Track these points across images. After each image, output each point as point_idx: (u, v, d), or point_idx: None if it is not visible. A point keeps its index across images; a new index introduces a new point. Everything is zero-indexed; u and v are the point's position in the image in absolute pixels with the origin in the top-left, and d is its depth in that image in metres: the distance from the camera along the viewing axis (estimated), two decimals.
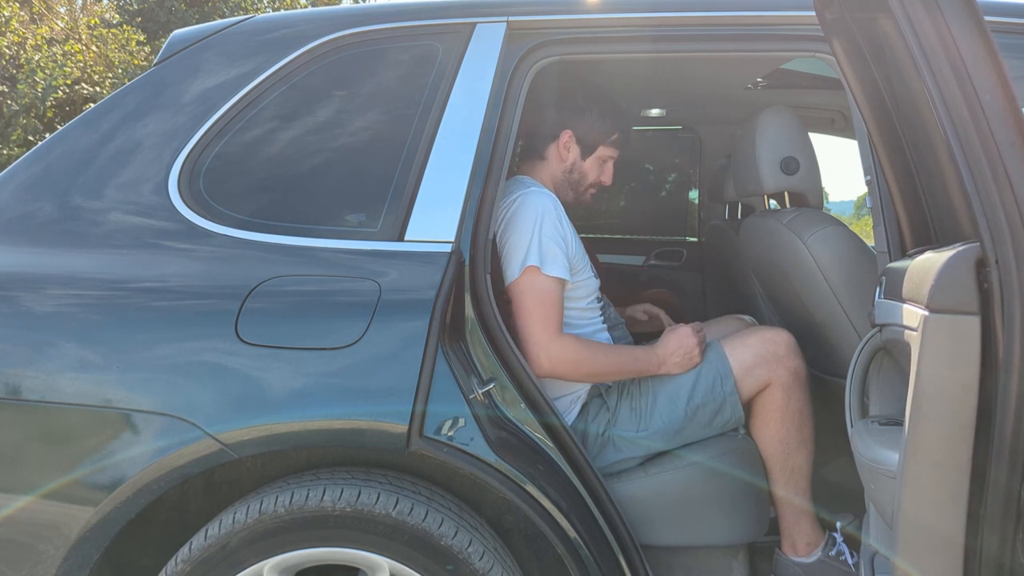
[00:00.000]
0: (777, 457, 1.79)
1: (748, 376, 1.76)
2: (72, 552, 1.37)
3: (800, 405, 1.78)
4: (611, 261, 3.54)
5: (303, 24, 1.69)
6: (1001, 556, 1.11)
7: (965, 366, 1.09)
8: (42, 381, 1.37)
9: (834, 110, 2.92)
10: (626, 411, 1.78)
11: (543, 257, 1.67)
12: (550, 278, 1.68)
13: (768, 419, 1.78)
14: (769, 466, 1.80)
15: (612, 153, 1.96)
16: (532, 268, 1.67)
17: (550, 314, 1.67)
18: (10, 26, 9.10)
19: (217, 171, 1.55)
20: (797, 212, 2.01)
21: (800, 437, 1.78)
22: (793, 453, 1.78)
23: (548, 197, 1.76)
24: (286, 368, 1.37)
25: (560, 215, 1.76)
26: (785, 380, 1.76)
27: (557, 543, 1.41)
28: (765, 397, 1.78)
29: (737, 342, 1.81)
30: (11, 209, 1.55)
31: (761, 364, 1.76)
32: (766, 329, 1.85)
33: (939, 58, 1.11)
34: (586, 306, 1.86)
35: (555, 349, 1.65)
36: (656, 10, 1.68)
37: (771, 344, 1.78)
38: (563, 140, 1.91)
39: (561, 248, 1.71)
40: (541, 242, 1.68)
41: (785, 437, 1.78)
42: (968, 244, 1.13)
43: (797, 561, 1.81)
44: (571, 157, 1.92)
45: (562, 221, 1.75)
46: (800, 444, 1.78)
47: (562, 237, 1.72)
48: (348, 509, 1.34)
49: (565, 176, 1.93)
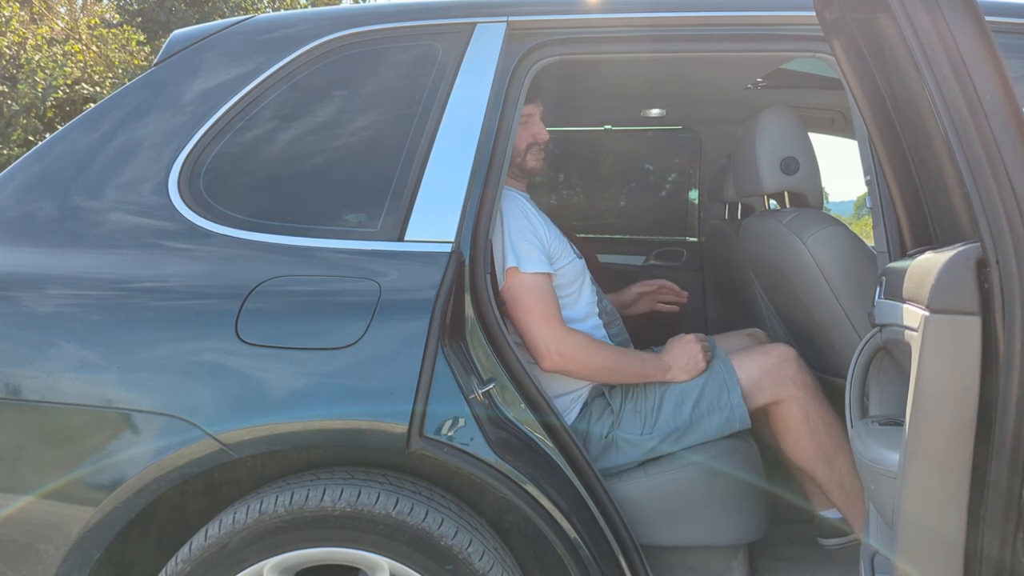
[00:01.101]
0: (822, 471, 1.79)
1: (755, 389, 1.77)
2: (72, 552, 1.37)
3: (821, 413, 1.78)
4: (611, 261, 3.53)
5: (303, 24, 1.69)
6: (1001, 556, 1.11)
7: (965, 366, 1.09)
8: (42, 381, 1.37)
9: (834, 110, 2.92)
10: (630, 413, 1.78)
11: (518, 256, 1.69)
12: (531, 275, 1.69)
13: (795, 436, 1.79)
14: (819, 481, 1.80)
15: (528, 111, 1.85)
16: (512, 270, 1.68)
17: (547, 308, 1.68)
18: (10, 26, 9.09)
19: (217, 171, 1.55)
20: (797, 212, 2.01)
21: (834, 443, 1.78)
22: (834, 460, 1.78)
23: (509, 198, 1.75)
24: (286, 368, 1.37)
25: (524, 209, 1.76)
26: (796, 395, 1.76)
27: (557, 543, 1.41)
28: (784, 417, 1.78)
29: (744, 356, 1.83)
30: (11, 209, 1.55)
31: (768, 380, 1.77)
32: (770, 347, 1.86)
33: (939, 58, 1.10)
34: (577, 291, 1.86)
35: (564, 344, 1.66)
36: (656, 10, 1.68)
37: (778, 360, 1.79)
38: None
39: (532, 243, 1.71)
40: (513, 242, 1.69)
41: (818, 448, 1.78)
42: (968, 244, 1.13)
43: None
44: None
45: (526, 214, 1.76)
46: (836, 449, 1.78)
47: (531, 231, 1.73)
48: (348, 509, 1.34)
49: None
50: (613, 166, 3.94)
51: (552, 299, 1.71)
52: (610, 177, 3.96)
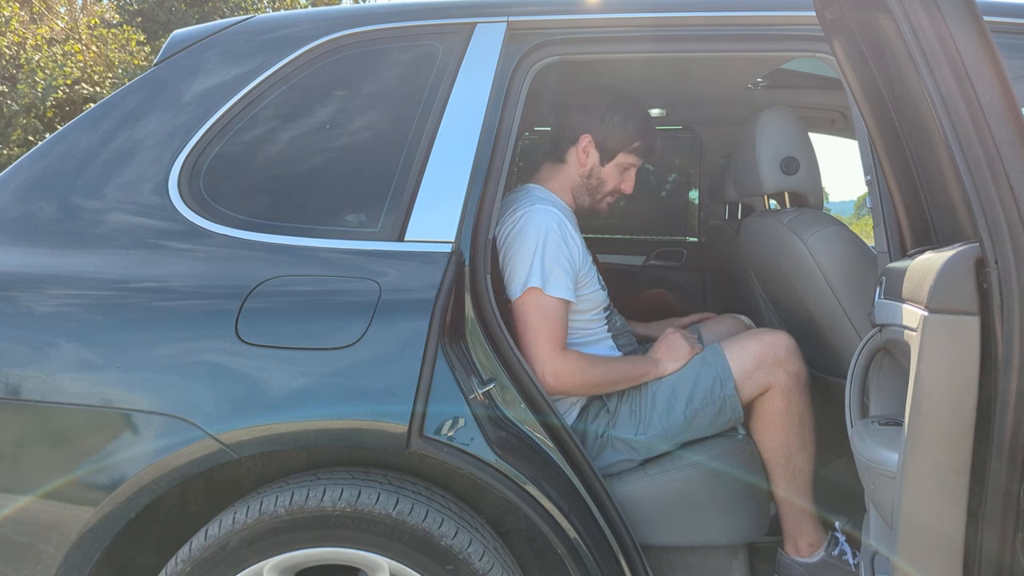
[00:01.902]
0: (778, 460, 1.79)
1: (748, 380, 1.76)
2: (72, 552, 1.37)
3: (801, 409, 1.78)
4: (611, 261, 3.54)
5: (303, 24, 1.69)
6: (1001, 556, 1.11)
7: (965, 366, 1.09)
8: (42, 381, 1.37)
9: (834, 110, 2.92)
10: (626, 414, 1.78)
11: (545, 278, 1.68)
12: (553, 299, 1.68)
13: (769, 423, 1.78)
14: (770, 468, 1.80)
15: (634, 161, 1.93)
16: (534, 289, 1.67)
17: (553, 333, 1.68)
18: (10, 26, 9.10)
19: (217, 171, 1.55)
20: (797, 212, 2.01)
21: (801, 440, 1.78)
22: (794, 456, 1.78)
23: (552, 215, 1.75)
24: (286, 368, 1.37)
25: (565, 233, 1.74)
26: (785, 384, 1.75)
27: (557, 543, 1.41)
28: (766, 401, 1.78)
29: (736, 345, 1.81)
30: (11, 209, 1.55)
31: (761, 368, 1.76)
32: (766, 332, 1.85)
33: (938, 58, 1.10)
34: (592, 317, 1.87)
35: (560, 367, 1.66)
36: (656, 10, 1.68)
37: (771, 348, 1.78)
38: (582, 144, 1.89)
39: (564, 268, 1.71)
40: (544, 263, 1.68)
41: (786, 440, 1.78)
42: (968, 244, 1.13)
43: (800, 561, 1.81)
44: (590, 162, 1.90)
45: (567, 239, 1.74)
46: (801, 447, 1.78)
47: (567, 257, 1.72)
48: (348, 509, 1.34)
49: (583, 181, 1.92)
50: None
51: (562, 325, 1.70)
52: None
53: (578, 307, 1.79)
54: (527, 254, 1.69)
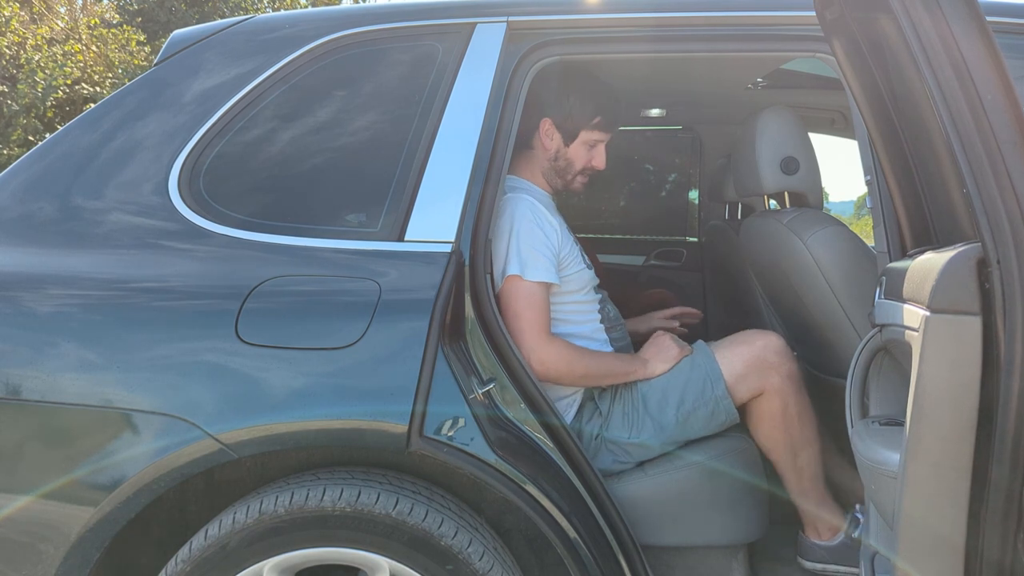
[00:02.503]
0: (785, 460, 1.79)
1: (740, 384, 1.76)
2: (72, 552, 1.37)
3: (799, 408, 1.78)
4: (611, 261, 3.54)
5: (303, 24, 1.69)
6: (1002, 556, 1.11)
7: (966, 366, 1.09)
8: (42, 381, 1.37)
9: (834, 110, 2.92)
10: (618, 416, 1.78)
11: (523, 264, 1.68)
12: (532, 283, 1.68)
13: (769, 426, 1.78)
14: (779, 469, 1.81)
15: (599, 137, 1.91)
16: (514, 277, 1.68)
17: (537, 318, 1.68)
18: (10, 26, 9.09)
19: (217, 171, 1.55)
20: (797, 212, 2.01)
21: (803, 437, 1.78)
22: (800, 453, 1.78)
23: (521, 201, 1.75)
24: (286, 368, 1.37)
25: (538, 216, 1.74)
26: (779, 386, 1.75)
27: (557, 543, 1.41)
28: (762, 405, 1.78)
29: (726, 350, 1.80)
30: (11, 209, 1.55)
31: (752, 372, 1.76)
32: (755, 336, 1.83)
33: (940, 58, 1.10)
34: (582, 299, 1.85)
35: (545, 353, 1.66)
36: (656, 10, 1.68)
37: (761, 352, 1.77)
38: (543, 128, 1.88)
39: (541, 251, 1.70)
40: (520, 250, 1.69)
41: (789, 440, 1.78)
42: (969, 244, 1.13)
43: (821, 544, 1.82)
44: (554, 145, 1.89)
45: (541, 222, 1.74)
46: (804, 443, 1.78)
47: (543, 241, 1.72)
48: (348, 509, 1.34)
49: (551, 164, 1.91)
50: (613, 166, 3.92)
51: (544, 309, 1.70)
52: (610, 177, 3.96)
53: (564, 288, 1.79)
54: (503, 244, 1.69)
